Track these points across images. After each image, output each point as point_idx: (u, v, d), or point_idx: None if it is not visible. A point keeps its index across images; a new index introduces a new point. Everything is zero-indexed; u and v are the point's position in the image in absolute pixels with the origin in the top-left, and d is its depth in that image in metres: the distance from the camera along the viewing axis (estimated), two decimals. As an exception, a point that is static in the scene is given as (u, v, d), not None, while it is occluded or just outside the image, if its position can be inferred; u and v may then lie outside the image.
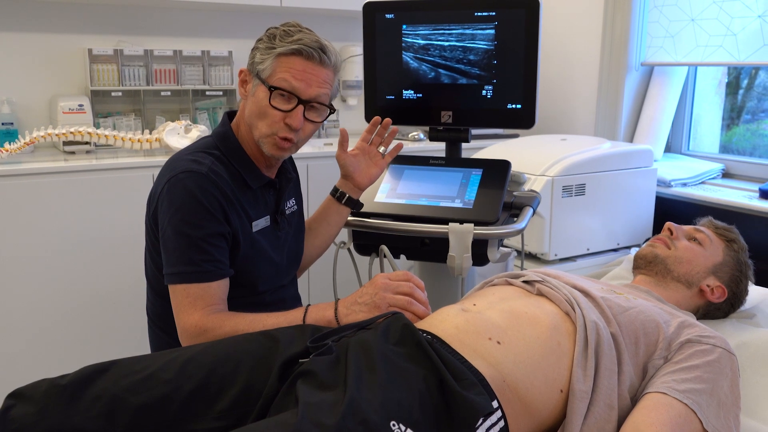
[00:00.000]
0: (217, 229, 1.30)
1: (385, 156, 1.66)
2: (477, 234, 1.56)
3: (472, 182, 1.69)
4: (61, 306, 2.22)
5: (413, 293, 1.27)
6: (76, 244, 2.21)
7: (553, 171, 2.19)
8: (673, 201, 2.48)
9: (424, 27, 1.78)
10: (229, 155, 1.39)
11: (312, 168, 2.55)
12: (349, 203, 1.62)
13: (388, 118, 1.65)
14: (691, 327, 1.24)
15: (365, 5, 1.83)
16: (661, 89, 2.77)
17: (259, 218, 1.42)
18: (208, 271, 1.29)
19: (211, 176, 1.31)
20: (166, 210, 1.30)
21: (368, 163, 1.63)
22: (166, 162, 1.41)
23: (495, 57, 1.73)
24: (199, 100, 2.77)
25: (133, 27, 2.72)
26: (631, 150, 2.40)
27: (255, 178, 1.41)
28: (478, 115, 1.80)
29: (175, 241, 1.29)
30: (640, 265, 1.53)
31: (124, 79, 2.59)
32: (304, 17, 3.00)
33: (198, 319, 1.27)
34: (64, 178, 2.16)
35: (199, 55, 2.72)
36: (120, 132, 2.38)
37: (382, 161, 1.64)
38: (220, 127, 1.44)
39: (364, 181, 1.62)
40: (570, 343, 1.18)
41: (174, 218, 1.29)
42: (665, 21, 2.67)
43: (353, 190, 1.63)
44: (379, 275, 1.30)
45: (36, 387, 1.05)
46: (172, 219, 1.29)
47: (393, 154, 1.69)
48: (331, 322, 1.28)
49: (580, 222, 2.27)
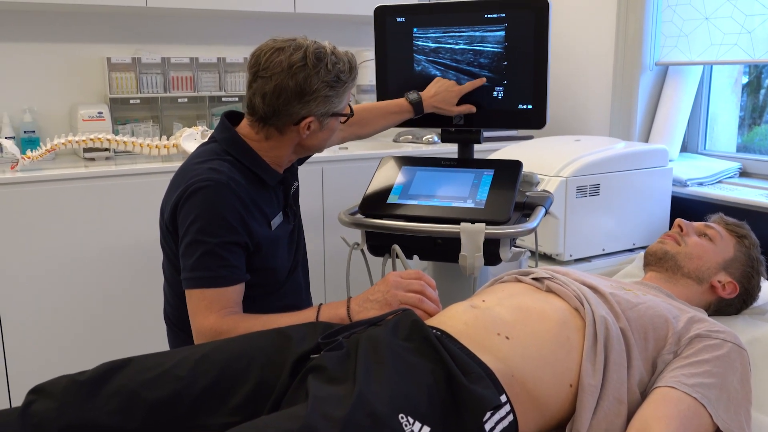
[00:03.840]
0: (234, 238, 1.33)
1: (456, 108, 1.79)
2: (488, 233, 1.56)
3: (484, 182, 1.70)
4: (82, 309, 2.26)
5: (424, 291, 1.29)
6: (97, 248, 2.24)
7: (567, 171, 2.19)
8: (690, 200, 2.46)
9: (434, 30, 1.80)
10: (242, 159, 1.42)
11: (327, 171, 2.57)
12: (417, 106, 1.76)
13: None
14: (700, 322, 1.24)
15: (376, 10, 1.85)
16: (676, 89, 2.74)
17: (275, 215, 1.47)
18: (223, 276, 1.32)
19: (231, 185, 1.33)
20: (186, 217, 1.33)
21: (449, 98, 1.77)
22: (180, 170, 1.43)
23: (505, 58, 1.75)
24: (216, 106, 2.80)
25: (150, 35, 2.75)
26: (646, 149, 2.38)
27: (272, 177, 1.45)
28: (490, 116, 1.81)
29: (193, 248, 1.31)
30: (650, 261, 1.53)
31: (142, 86, 2.62)
32: (317, 23, 3.02)
33: (213, 322, 1.30)
34: (85, 184, 2.19)
35: (215, 62, 2.74)
36: (138, 138, 2.40)
37: (454, 108, 1.78)
38: (225, 133, 1.45)
39: (435, 101, 1.77)
40: (579, 337, 1.19)
41: (193, 226, 1.32)
42: (679, 20, 2.66)
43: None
44: (391, 273, 1.32)
45: (56, 383, 1.08)
46: (192, 227, 1.32)
47: (464, 110, 1.80)
48: (344, 320, 1.30)
49: (594, 222, 2.26)
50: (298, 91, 1.35)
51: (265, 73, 1.36)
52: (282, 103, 1.36)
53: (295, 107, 1.37)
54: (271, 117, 1.39)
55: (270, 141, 1.44)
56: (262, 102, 1.37)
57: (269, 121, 1.40)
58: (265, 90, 1.36)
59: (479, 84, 1.78)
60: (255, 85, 1.38)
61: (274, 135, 1.42)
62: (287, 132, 1.42)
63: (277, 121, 1.40)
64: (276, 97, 1.36)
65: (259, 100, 1.38)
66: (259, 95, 1.38)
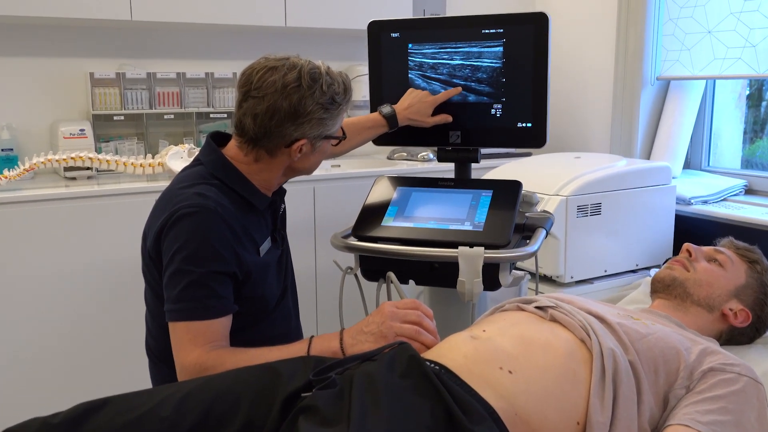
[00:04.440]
0: (223, 268, 1.31)
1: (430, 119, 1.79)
2: (487, 258, 1.54)
3: (482, 204, 1.68)
4: (58, 340, 2.21)
5: (421, 322, 1.26)
6: (77, 272, 2.20)
7: (567, 190, 2.19)
8: (694, 219, 2.46)
9: (430, 45, 1.79)
10: (230, 182, 1.40)
11: (319, 190, 2.55)
12: (391, 119, 1.76)
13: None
14: (713, 354, 1.22)
15: (370, 24, 1.84)
16: (679, 104, 2.76)
17: (263, 241, 1.45)
18: (210, 308, 1.29)
19: (219, 211, 1.31)
20: (171, 245, 1.30)
21: (423, 109, 1.77)
22: (163, 195, 1.40)
23: (503, 75, 1.74)
24: (203, 123, 2.76)
25: (135, 50, 2.73)
26: (649, 167, 2.39)
27: (261, 201, 1.44)
28: (488, 134, 1.80)
29: (178, 277, 1.29)
30: (657, 288, 1.51)
31: (127, 102, 2.59)
32: (309, 37, 3.01)
33: (198, 356, 1.26)
34: (65, 204, 2.16)
35: (202, 77, 2.72)
36: (122, 157, 2.38)
37: (429, 119, 1.77)
38: (211, 155, 1.43)
39: (409, 113, 1.77)
40: (586, 371, 1.16)
41: (179, 255, 1.29)
42: (681, 33, 2.67)
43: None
44: (386, 303, 1.29)
45: (27, 427, 1.04)
46: (177, 255, 1.29)
47: (439, 121, 1.79)
48: (337, 353, 1.27)
49: (596, 243, 2.26)
50: (292, 112, 1.34)
51: (257, 93, 1.34)
52: (274, 124, 1.35)
53: (287, 129, 1.36)
54: (261, 138, 1.38)
55: (259, 163, 1.42)
56: (253, 123, 1.36)
57: (259, 143, 1.39)
58: (257, 110, 1.35)
59: (454, 93, 1.78)
60: (246, 104, 1.37)
61: (263, 157, 1.41)
62: (278, 154, 1.41)
63: (268, 142, 1.38)
64: (269, 117, 1.34)
65: (250, 121, 1.36)
66: (250, 115, 1.36)
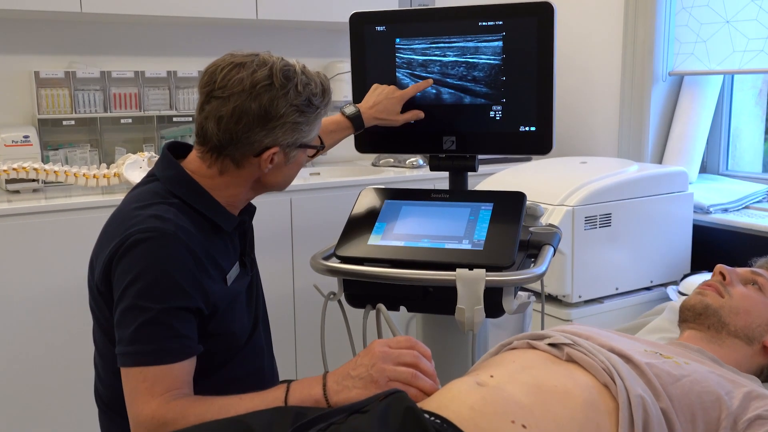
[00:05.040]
0: (184, 303, 1.23)
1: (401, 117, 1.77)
2: (489, 281, 1.48)
3: (482, 219, 1.64)
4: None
5: (418, 364, 1.18)
6: (17, 300, 2.13)
7: (573, 200, 2.17)
8: (713, 229, 2.45)
9: (420, 40, 1.77)
10: (192, 201, 1.32)
11: (297, 202, 2.52)
12: (356, 120, 1.73)
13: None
14: (760, 399, 1.16)
15: (352, 16, 1.83)
16: (693, 102, 2.76)
17: (231, 267, 1.39)
18: (170, 350, 1.20)
19: (179, 235, 1.23)
20: (123, 276, 1.22)
21: (390, 107, 1.75)
22: (113, 217, 1.33)
23: (504, 73, 1.73)
24: (165, 128, 2.74)
25: (86, 45, 2.69)
26: (663, 173, 2.40)
27: (228, 222, 1.38)
28: (486, 139, 1.79)
29: (132, 315, 1.20)
30: (687, 317, 1.46)
31: (78, 105, 2.57)
32: (283, 31, 3.00)
33: (155, 409, 1.17)
34: (7, 222, 2.11)
35: (164, 76, 2.71)
36: (72, 167, 2.33)
37: (399, 117, 1.75)
38: (169, 169, 1.36)
39: (375, 113, 1.74)
40: (611, 424, 1.10)
41: (132, 288, 1.20)
42: (695, 24, 2.67)
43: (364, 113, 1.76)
44: (377, 342, 1.22)
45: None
46: (130, 289, 1.20)
47: (409, 118, 1.77)
48: (320, 402, 1.19)
49: (606, 257, 2.24)
50: (262, 114, 1.28)
51: (221, 93, 1.28)
52: (241, 129, 1.29)
53: (257, 134, 1.30)
54: (227, 146, 1.31)
55: (224, 176, 1.35)
56: (216, 127, 1.29)
57: (224, 151, 1.32)
58: (221, 112, 1.28)
59: (425, 86, 1.77)
60: (208, 107, 1.30)
61: (229, 169, 1.34)
62: (245, 165, 1.34)
63: (235, 151, 1.31)
64: (234, 121, 1.28)
65: (213, 125, 1.30)
66: (213, 119, 1.30)
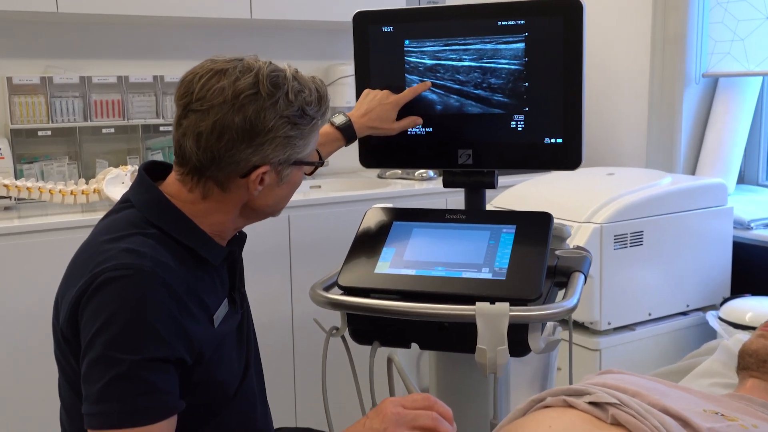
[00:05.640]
0: (163, 353, 1.14)
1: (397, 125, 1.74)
2: (514, 317, 1.42)
3: (504, 243, 1.58)
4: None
5: (438, 427, 1.13)
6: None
7: (601, 216, 2.17)
8: (755, 247, 2.44)
9: (432, 42, 1.74)
10: (173, 231, 1.25)
11: (295, 220, 2.48)
12: (347, 130, 1.70)
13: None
14: None
15: (356, 16, 1.80)
16: (729, 106, 2.74)
17: (218, 306, 1.30)
18: (146, 409, 1.11)
19: (158, 273, 1.15)
20: (92, 322, 1.13)
21: (384, 114, 1.72)
22: (81, 249, 1.26)
23: (526, 78, 1.69)
24: (151, 138, 2.74)
25: (64, 49, 2.69)
26: (699, 185, 2.39)
27: (215, 254, 1.30)
28: (506, 153, 1.75)
29: (101, 368, 1.11)
30: (749, 364, 1.39)
31: (55, 113, 2.57)
32: (280, 31, 3.00)
33: None
34: None
35: (149, 81, 2.71)
36: (48, 183, 2.30)
37: (394, 125, 1.72)
38: (145, 193, 1.28)
39: (368, 121, 1.71)
40: None
41: (102, 336, 1.12)
42: (732, 21, 2.66)
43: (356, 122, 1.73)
44: (389, 401, 1.16)
45: None
46: (99, 336, 1.12)
47: (407, 125, 1.74)
48: None
49: (637, 280, 2.24)
50: (247, 129, 1.21)
51: (200, 105, 1.21)
52: (224, 146, 1.22)
53: (242, 152, 1.23)
54: (208, 167, 1.24)
55: (208, 202, 1.28)
56: (195, 145, 1.22)
57: (206, 173, 1.25)
58: (200, 128, 1.21)
59: (422, 89, 1.73)
60: (186, 121, 1.23)
61: (213, 192, 1.27)
62: (231, 188, 1.27)
63: (218, 172, 1.24)
64: (216, 137, 1.21)
65: (192, 143, 1.22)
66: (191, 136, 1.22)
